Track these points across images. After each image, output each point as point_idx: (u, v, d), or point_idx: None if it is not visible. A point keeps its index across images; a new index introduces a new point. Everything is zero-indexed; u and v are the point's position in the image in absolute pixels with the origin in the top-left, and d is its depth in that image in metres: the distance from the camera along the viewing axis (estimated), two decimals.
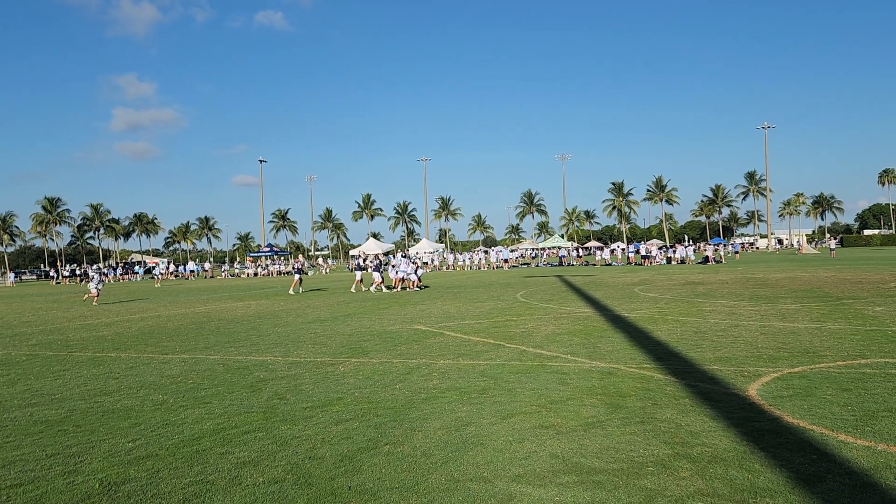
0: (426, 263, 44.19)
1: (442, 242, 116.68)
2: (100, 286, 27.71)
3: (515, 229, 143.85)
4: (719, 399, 7.05)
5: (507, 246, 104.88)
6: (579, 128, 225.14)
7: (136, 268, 79.27)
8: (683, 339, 11.23)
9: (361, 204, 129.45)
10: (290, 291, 30.20)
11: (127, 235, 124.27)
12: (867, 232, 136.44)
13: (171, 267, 71.22)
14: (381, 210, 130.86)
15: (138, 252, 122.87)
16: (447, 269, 60.50)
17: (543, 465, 5.17)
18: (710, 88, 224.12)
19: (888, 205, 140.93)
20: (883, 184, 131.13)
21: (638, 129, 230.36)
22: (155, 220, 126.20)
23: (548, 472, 5.01)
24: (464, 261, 62.93)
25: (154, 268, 67.20)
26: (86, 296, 28.34)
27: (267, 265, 71.49)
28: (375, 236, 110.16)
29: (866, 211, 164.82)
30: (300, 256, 42.37)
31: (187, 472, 5.34)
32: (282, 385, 8.71)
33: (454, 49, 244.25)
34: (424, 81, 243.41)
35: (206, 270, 74.27)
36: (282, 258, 79.09)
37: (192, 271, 70.39)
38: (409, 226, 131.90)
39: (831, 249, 64.92)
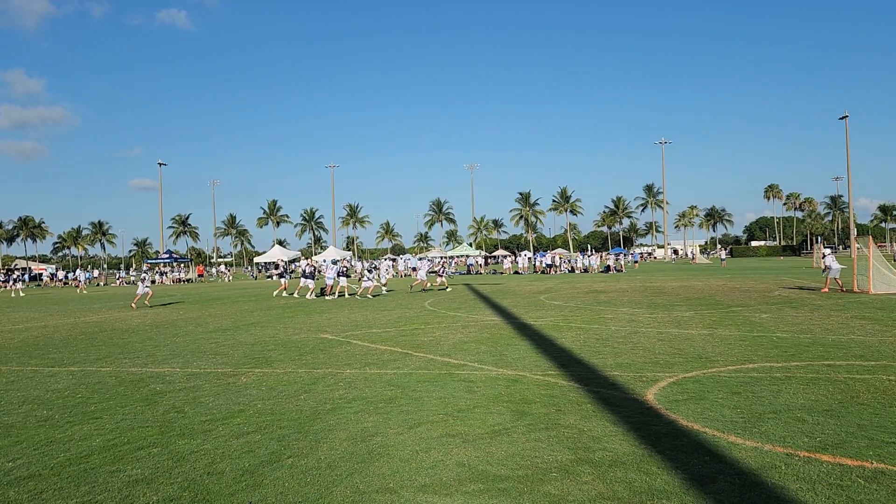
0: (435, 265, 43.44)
1: (349, 250, 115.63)
2: (148, 288, 27.67)
3: (424, 237, 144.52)
4: (619, 404, 7.26)
5: (416, 254, 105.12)
6: (488, 138, 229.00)
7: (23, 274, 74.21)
8: (586, 346, 11.54)
9: (267, 210, 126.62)
10: (353, 294, 28.68)
11: (10, 240, 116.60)
12: (754, 243, 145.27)
13: (79, 273, 66.28)
14: (288, 217, 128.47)
15: (23, 258, 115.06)
16: (354, 276, 59.97)
17: (450, 473, 5.16)
18: (613, 102, 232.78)
19: (773, 218, 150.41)
20: (768, 198, 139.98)
21: (545, 141, 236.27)
22: (42, 224, 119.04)
23: (454, 480, 5.01)
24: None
25: (60, 273, 62.70)
26: (135, 301, 27.57)
27: (165, 272, 68.66)
28: (281, 243, 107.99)
29: (753, 223, 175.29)
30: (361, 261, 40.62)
31: (74, 492, 5.01)
32: (179, 397, 8.34)
33: (363, 54, 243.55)
34: (333, 86, 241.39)
35: (97, 277, 70.52)
36: (181, 265, 76.14)
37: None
38: (317, 233, 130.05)
39: (722, 259, 68.63)
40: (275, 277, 30.92)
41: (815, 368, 8.96)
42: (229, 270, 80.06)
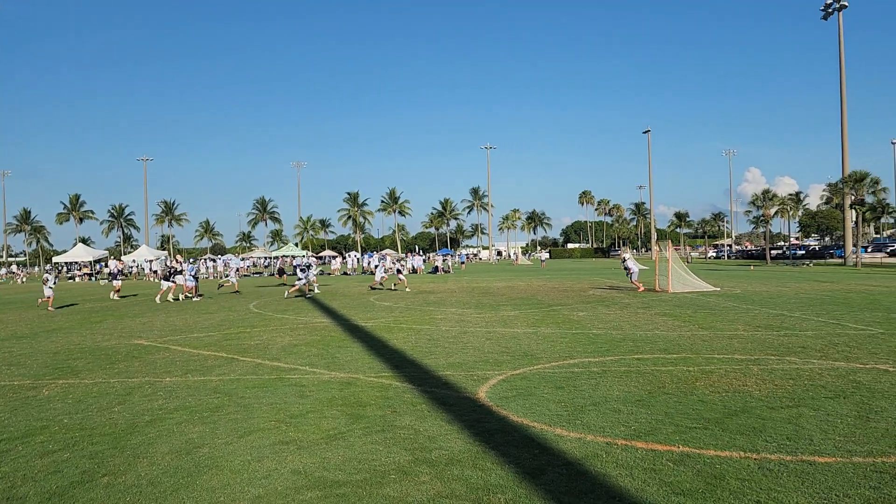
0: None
1: (164, 249, 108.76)
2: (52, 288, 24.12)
3: (247, 237, 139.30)
4: (453, 403, 7.40)
5: (238, 254, 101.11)
6: (316, 136, 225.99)
7: None
8: (418, 347, 11.67)
9: (69, 205, 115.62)
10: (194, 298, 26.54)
11: None
12: (570, 245, 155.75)
13: None
14: (93, 213, 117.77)
15: None
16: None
17: (285, 482, 4.97)
18: (442, 106, 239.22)
19: (586, 222, 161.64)
20: (582, 203, 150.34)
21: (374, 142, 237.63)
22: None
23: (290, 489, 4.82)
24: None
25: None
26: (41, 300, 24.23)
27: None
28: (85, 241, 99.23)
29: (569, 227, 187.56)
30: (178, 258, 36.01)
31: None
32: None
33: (179, 41, 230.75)
34: (145, 74, 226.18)
35: None
36: None
37: None
38: (126, 231, 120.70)
39: (542, 261, 72.75)
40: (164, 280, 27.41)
41: (627, 362, 9.69)
42: (23, 271, 72.35)
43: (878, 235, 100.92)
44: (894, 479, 4.78)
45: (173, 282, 26.66)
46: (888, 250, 69.73)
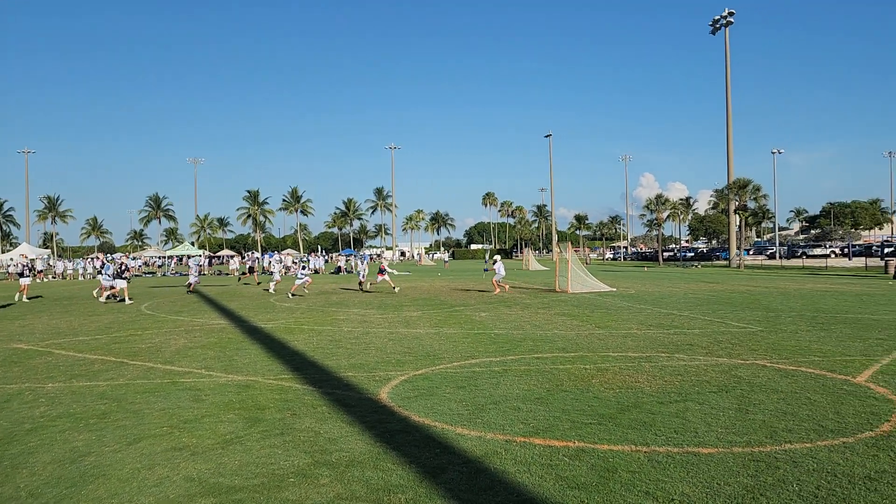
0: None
1: (48, 247, 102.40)
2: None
3: (139, 235, 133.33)
4: (354, 404, 7.35)
5: (129, 253, 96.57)
6: (213, 133, 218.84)
7: None
8: (320, 348, 11.51)
9: None
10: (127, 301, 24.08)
11: None
12: (473, 246, 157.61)
13: None
14: None
15: None
16: (54, 277, 53.32)
17: (178, 490, 4.78)
18: (345, 106, 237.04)
19: (490, 223, 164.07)
20: (486, 205, 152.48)
21: (275, 140, 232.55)
22: None
23: (183, 497, 4.65)
24: (76, 268, 56.08)
25: None
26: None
27: None
28: None
29: (473, 228, 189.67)
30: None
31: None
32: None
33: (66, 29, 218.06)
34: (26, 63, 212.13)
35: None
36: None
37: None
38: (5, 228, 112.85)
39: (445, 261, 73.33)
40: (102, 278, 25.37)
41: (527, 361, 9.92)
42: None
43: (759, 239, 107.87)
44: (770, 467, 5.12)
45: (126, 280, 25.23)
46: (768, 253, 74.69)
